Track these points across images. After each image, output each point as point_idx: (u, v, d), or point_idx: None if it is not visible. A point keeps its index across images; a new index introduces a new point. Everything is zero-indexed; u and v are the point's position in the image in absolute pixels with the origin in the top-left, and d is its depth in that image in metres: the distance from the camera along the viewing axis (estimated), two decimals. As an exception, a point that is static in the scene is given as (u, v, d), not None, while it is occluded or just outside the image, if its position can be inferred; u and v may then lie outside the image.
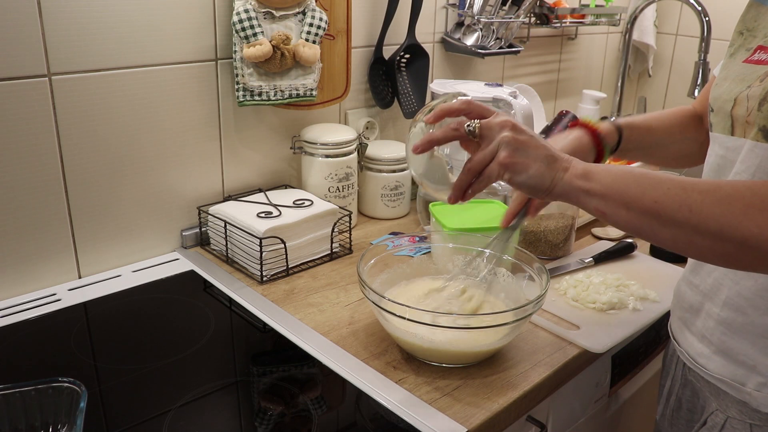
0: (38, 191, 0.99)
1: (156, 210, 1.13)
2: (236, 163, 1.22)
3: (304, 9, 1.14)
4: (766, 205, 0.59)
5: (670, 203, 0.63)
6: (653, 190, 0.64)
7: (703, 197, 0.62)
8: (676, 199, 0.63)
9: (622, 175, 0.68)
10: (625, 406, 1.16)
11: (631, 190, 0.66)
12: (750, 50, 0.75)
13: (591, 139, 0.90)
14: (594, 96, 1.91)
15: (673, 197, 0.63)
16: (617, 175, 0.68)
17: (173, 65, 1.08)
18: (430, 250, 1.02)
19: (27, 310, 0.97)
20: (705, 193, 0.62)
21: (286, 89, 1.16)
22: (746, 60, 0.75)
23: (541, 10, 1.73)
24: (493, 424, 0.78)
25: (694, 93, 1.80)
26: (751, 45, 0.75)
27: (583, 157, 0.88)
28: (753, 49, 0.75)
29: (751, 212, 0.59)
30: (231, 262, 1.13)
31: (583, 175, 0.69)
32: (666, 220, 0.63)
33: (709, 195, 0.62)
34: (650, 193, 0.64)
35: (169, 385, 0.83)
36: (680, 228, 0.63)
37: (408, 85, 1.43)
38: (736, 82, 0.74)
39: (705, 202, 0.61)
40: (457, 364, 0.85)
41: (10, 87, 0.92)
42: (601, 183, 0.68)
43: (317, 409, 0.80)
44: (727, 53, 0.80)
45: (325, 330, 0.94)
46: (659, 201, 0.64)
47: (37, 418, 0.69)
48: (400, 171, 1.32)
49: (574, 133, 0.91)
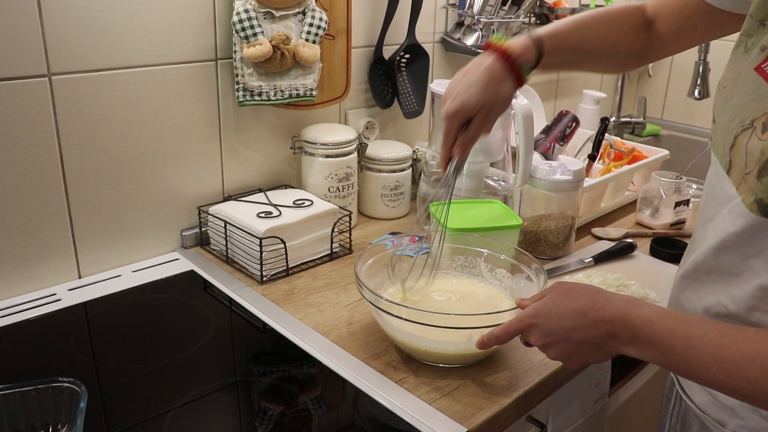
0: (38, 191, 0.99)
1: (156, 210, 1.13)
2: (236, 163, 1.22)
3: (304, 9, 1.14)
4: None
5: (720, 387, 0.61)
6: (705, 370, 0.61)
7: (760, 372, 0.58)
8: (726, 386, 0.60)
9: (669, 346, 0.63)
10: (625, 406, 1.16)
11: (679, 367, 0.64)
12: (764, 52, 0.63)
13: (503, 64, 0.84)
14: (594, 96, 1.91)
15: (721, 383, 0.60)
16: (664, 343, 0.64)
17: (173, 65, 1.08)
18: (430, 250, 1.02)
19: (27, 310, 0.97)
20: (761, 368, 0.58)
21: (286, 89, 1.16)
22: (758, 67, 0.64)
23: (541, 10, 1.73)
24: (493, 424, 0.78)
25: (695, 93, 1.80)
26: (767, 44, 0.63)
27: (500, 87, 0.84)
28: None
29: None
30: (231, 262, 1.13)
31: (630, 341, 0.66)
32: (727, 391, 0.62)
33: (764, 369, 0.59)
34: (703, 374, 0.62)
35: (169, 385, 0.83)
36: (742, 396, 0.61)
37: (408, 85, 1.43)
38: (741, 105, 0.65)
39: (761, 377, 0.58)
40: (455, 364, 0.85)
41: (10, 87, 0.92)
42: (651, 355, 0.65)
43: (317, 409, 0.80)
44: (741, 43, 0.68)
45: (325, 330, 0.94)
46: (710, 383, 0.62)
47: (37, 418, 0.69)
48: (400, 171, 1.32)
49: (486, 61, 0.84)
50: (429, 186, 1.26)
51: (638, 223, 1.38)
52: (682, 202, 1.33)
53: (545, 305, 0.73)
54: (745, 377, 0.58)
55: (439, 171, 1.26)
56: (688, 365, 0.62)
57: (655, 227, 1.34)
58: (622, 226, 1.35)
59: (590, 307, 0.68)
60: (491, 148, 1.21)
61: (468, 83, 0.84)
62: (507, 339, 0.77)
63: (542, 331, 0.72)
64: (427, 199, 1.09)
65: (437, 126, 1.24)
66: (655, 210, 1.36)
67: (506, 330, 0.77)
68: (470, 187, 1.22)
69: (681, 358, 0.63)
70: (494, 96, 0.84)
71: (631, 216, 1.40)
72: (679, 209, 1.33)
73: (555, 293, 0.73)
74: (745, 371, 0.58)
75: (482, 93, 0.84)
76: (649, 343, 0.64)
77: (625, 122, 2.12)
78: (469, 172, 1.21)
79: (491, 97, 0.84)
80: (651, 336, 0.64)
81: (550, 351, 0.73)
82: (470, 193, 1.22)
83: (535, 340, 0.74)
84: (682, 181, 1.35)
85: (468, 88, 0.84)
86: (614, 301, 0.68)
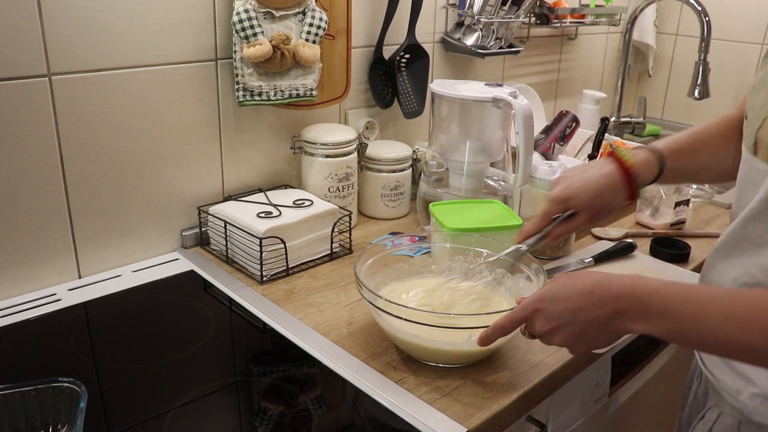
0: (38, 191, 0.99)
1: (156, 210, 1.13)
2: (236, 163, 1.22)
3: (304, 9, 1.14)
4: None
5: (735, 345, 0.61)
6: (719, 329, 0.61)
7: (763, 336, 0.59)
8: (740, 342, 0.61)
9: (680, 313, 0.64)
10: (625, 406, 1.16)
11: (692, 333, 0.64)
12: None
13: (622, 179, 0.87)
14: (594, 96, 1.91)
15: (735, 340, 0.61)
16: (674, 311, 0.64)
17: (173, 65, 1.08)
18: (430, 250, 1.02)
19: (27, 310, 0.97)
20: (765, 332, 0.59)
21: (286, 89, 1.16)
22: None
23: (541, 10, 1.73)
24: (493, 424, 0.78)
25: (695, 93, 1.80)
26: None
27: (613, 197, 0.87)
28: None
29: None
30: (231, 262, 1.13)
31: (639, 316, 0.65)
32: (741, 350, 0.62)
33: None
34: (717, 334, 0.62)
35: (169, 385, 0.83)
36: (757, 352, 0.61)
37: (408, 85, 1.43)
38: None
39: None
40: (455, 364, 0.85)
41: (10, 87, 0.92)
42: (660, 326, 0.65)
43: (317, 409, 0.80)
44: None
45: (325, 330, 0.94)
46: (723, 343, 0.62)
47: (37, 418, 0.69)
48: (400, 171, 1.32)
49: (607, 167, 0.87)
50: (429, 186, 1.26)
51: (638, 223, 1.38)
52: (682, 202, 1.33)
53: (549, 290, 0.72)
54: (759, 328, 0.59)
55: (440, 171, 1.27)
56: (701, 328, 0.62)
57: (655, 227, 1.34)
58: (622, 226, 1.35)
59: (595, 287, 0.68)
60: (491, 148, 1.21)
61: (585, 179, 0.87)
62: (511, 329, 0.76)
63: (547, 315, 0.71)
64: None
65: (437, 126, 1.24)
66: (655, 210, 1.36)
67: (510, 319, 0.75)
68: (470, 187, 1.22)
69: (693, 322, 0.62)
70: (605, 204, 0.88)
71: (631, 216, 1.40)
72: (679, 209, 1.33)
73: (558, 279, 0.73)
74: (759, 322, 0.59)
75: (594, 197, 0.87)
76: (659, 314, 0.64)
77: (625, 122, 2.12)
78: (469, 172, 1.21)
79: (602, 203, 0.88)
80: (660, 306, 0.64)
81: (556, 337, 0.71)
82: (470, 193, 1.22)
83: (540, 326, 0.72)
84: (682, 181, 1.35)
85: (583, 185, 0.87)
86: (619, 278, 0.68)
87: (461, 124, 1.21)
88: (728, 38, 2.06)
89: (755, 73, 0.76)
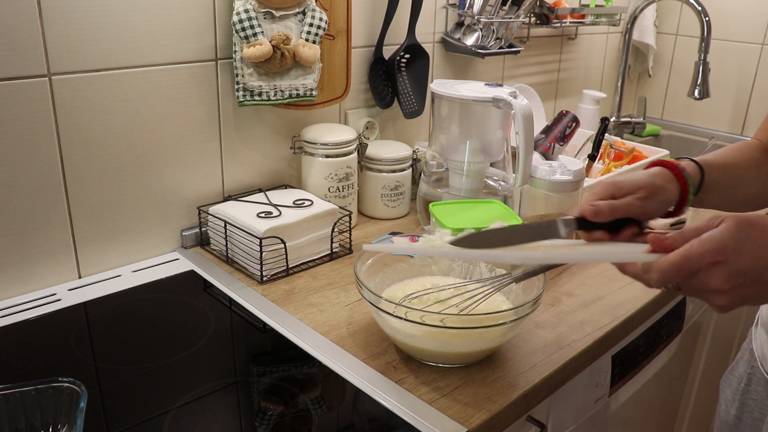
0: (38, 191, 0.99)
1: (156, 210, 1.13)
2: (236, 163, 1.22)
3: (304, 9, 1.14)
4: None
5: None
6: None
7: None
8: None
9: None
10: (625, 406, 1.16)
11: None
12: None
13: (673, 176, 0.78)
14: (594, 96, 1.91)
15: None
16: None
17: (173, 65, 1.08)
18: None
19: (27, 310, 0.97)
20: None
21: (286, 89, 1.16)
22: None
23: (541, 10, 1.73)
24: (493, 424, 0.78)
25: (695, 93, 1.80)
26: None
27: (666, 195, 0.77)
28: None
29: None
30: (231, 262, 1.13)
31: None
32: None
33: None
34: None
35: (169, 385, 0.83)
36: None
37: (408, 85, 1.43)
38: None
39: None
40: (455, 364, 0.86)
41: (10, 87, 0.92)
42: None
43: (317, 409, 0.80)
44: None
45: (325, 330, 0.94)
46: None
47: (37, 418, 0.69)
48: (400, 171, 1.32)
49: (654, 169, 0.79)
50: (429, 186, 1.27)
51: (638, 223, 1.37)
52: (682, 202, 1.33)
53: (732, 238, 0.60)
54: None
55: (440, 171, 1.27)
56: None
57: (655, 227, 1.34)
58: (622, 226, 1.35)
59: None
60: (491, 148, 1.21)
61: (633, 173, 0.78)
62: (687, 272, 0.61)
63: (731, 271, 0.59)
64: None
65: (437, 126, 1.24)
66: (655, 210, 1.35)
67: (688, 257, 0.60)
68: (470, 187, 1.22)
69: None
70: (658, 188, 0.77)
71: (631, 216, 1.40)
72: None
73: (736, 225, 0.61)
74: None
75: (647, 180, 0.76)
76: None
77: (625, 122, 2.12)
78: (469, 172, 1.21)
79: (655, 188, 0.77)
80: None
81: (729, 296, 0.60)
82: (470, 193, 1.22)
83: (717, 283, 0.60)
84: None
85: (631, 175, 0.77)
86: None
87: (461, 124, 1.21)
88: (728, 38, 2.06)
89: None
